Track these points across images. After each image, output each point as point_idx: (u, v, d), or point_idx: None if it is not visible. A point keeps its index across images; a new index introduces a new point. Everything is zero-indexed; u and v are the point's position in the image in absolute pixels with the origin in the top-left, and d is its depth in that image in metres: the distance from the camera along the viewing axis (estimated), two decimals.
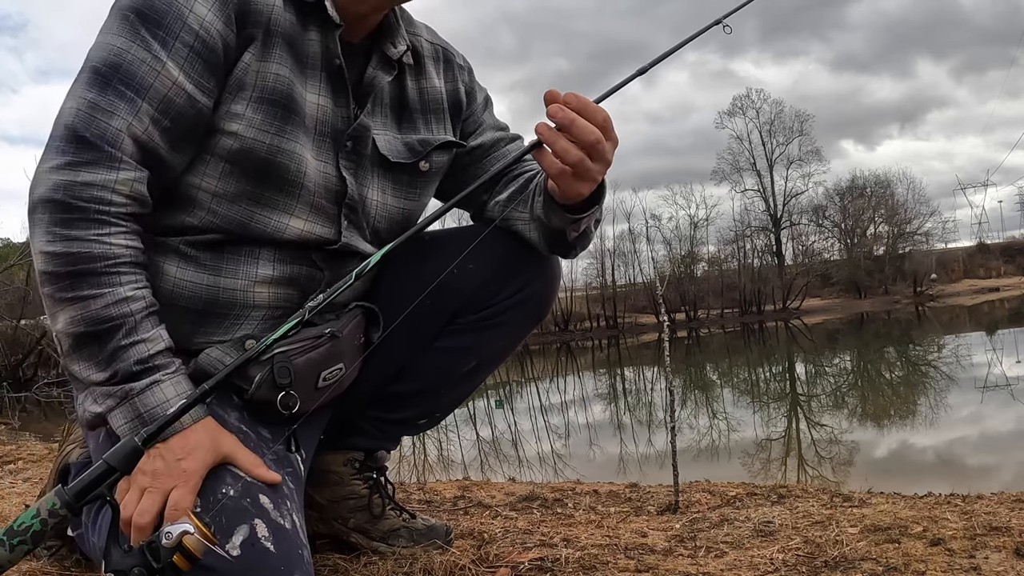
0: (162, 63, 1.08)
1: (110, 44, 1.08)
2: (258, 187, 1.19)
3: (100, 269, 1.05)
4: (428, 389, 1.52)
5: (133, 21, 1.08)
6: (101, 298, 1.04)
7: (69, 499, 0.86)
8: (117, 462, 0.90)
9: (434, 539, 1.52)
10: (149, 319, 1.08)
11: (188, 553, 0.86)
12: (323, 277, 1.27)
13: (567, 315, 31.98)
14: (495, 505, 2.03)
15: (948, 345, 15.02)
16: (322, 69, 1.23)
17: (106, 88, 1.07)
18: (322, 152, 1.25)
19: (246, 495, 1.06)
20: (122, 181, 1.07)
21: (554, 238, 1.36)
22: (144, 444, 0.93)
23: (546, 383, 15.18)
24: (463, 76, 1.47)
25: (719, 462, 5.60)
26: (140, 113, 1.08)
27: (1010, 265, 41.91)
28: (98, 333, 1.05)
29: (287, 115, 1.18)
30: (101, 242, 1.05)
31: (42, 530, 0.85)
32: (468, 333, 1.46)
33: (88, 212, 1.05)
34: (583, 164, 1.09)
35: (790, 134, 41.48)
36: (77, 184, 1.05)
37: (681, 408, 8.30)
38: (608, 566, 1.39)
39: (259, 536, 1.02)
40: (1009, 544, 1.39)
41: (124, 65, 1.08)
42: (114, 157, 1.06)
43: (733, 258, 38.54)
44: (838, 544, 1.44)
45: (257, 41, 1.15)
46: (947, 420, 6.85)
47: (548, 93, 1.07)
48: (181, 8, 1.09)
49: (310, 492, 1.51)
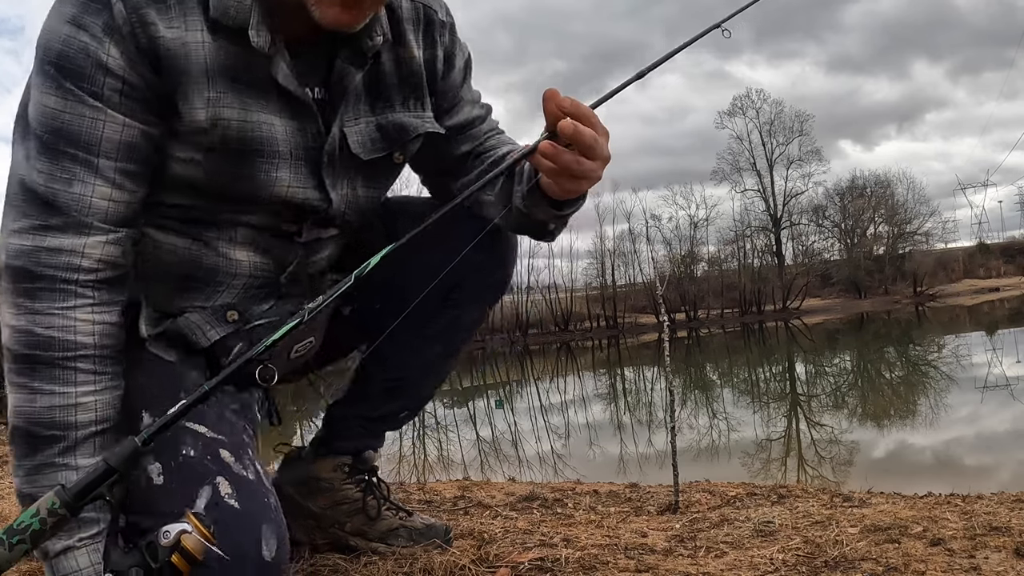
0: (102, 111, 1.02)
1: (43, 105, 1.02)
2: (227, 199, 1.16)
3: (57, 360, 1.00)
4: (403, 379, 1.52)
5: (54, 76, 1.01)
6: (49, 396, 0.99)
7: (69, 499, 0.86)
8: (117, 463, 0.90)
9: (433, 538, 1.52)
10: (92, 440, 1.02)
11: (187, 553, 0.86)
12: (300, 250, 1.26)
13: (567, 315, 31.96)
14: (495, 505, 2.03)
15: (948, 345, 15.01)
16: (278, 93, 1.13)
17: (56, 155, 1.01)
18: (298, 175, 1.18)
19: (206, 453, 1.08)
20: (92, 245, 1.02)
21: (531, 227, 1.31)
22: (144, 444, 0.93)
23: (546, 383, 15.17)
24: (443, 38, 1.33)
25: (719, 462, 5.60)
26: (100, 171, 1.03)
27: (1010, 265, 41.86)
28: (33, 436, 0.99)
29: (246, 159, 1.12)
30: (66, 317, 1.00)
31: (41, 529, 0.85)
32: (436, 318, 1.45)
33: (54, 281, 1.01)
34: (582, 167, 1.08)
35: (790, 134, 41.46)
36: (43, 250, 1.00)
37: (681, 408, 8.30)
38: (608, 566, 1.39)
39: (223, 495, 1.03)
40: (1009, 544, 1.38)
41: (65, 127, 1.01)
42: (82, 223, 1.02)
43: (733, 258, 38.54)
44: (838, 544, 1.44)
45: (188, 89, 1.06)
46: (947, 420, 6.84)
47: (547, 92, 1.06)
48: (98, 55, 1.01)
49: (304, 503, 1.52)
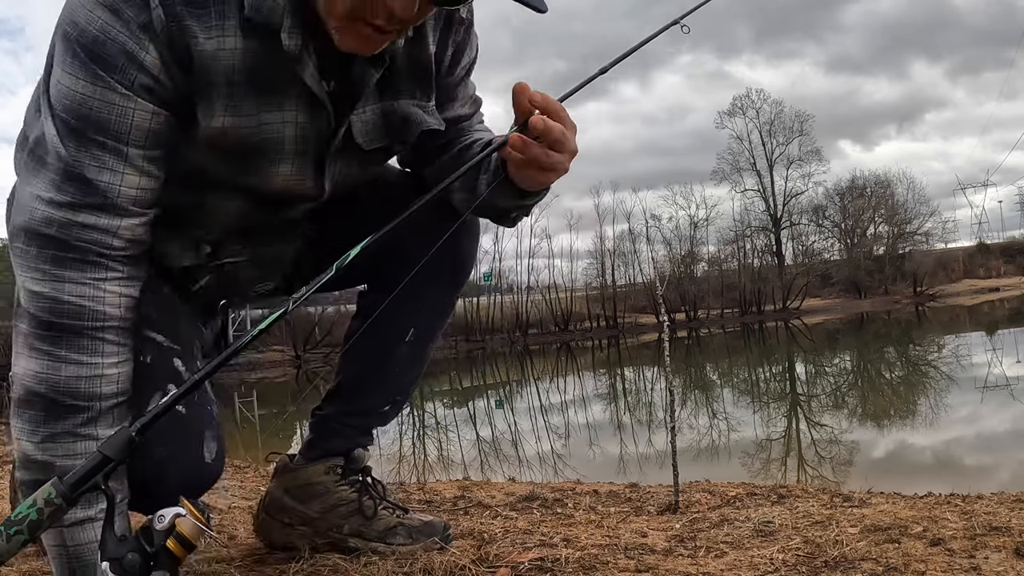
0: (132, 99, 1.02)
1: (70, 89, 1.00)
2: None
3: (86, 329, 1.00)
4: (379, 370, 1.53)
5: (85, 61, 0.99)
6: (76, 366, 1.00)
7: (65, 489, 0.87)
8: (113, 452, 0.90)
9: (432, 535, 1.52)
10: (112, 412, 1.04)
11: (183, 539, 0.87)
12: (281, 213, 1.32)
13: (567, 315, 31.94)
14: (495, 505, 2.03)
15: (948, 345, 15.00)
16: (297, 93, 1.14)
17: (86, 142, 1.01)
18: (300, 168, 1.21)
19: (161, 360, 1.15)
20: (125, 227, 1.04)
21: (494, 212, 1.33)
22: (137, 435, 0.93)
23: (546, 383, 15.16)
24: (458, 35, 1.32)
25: (719, 462, 5.59)
26: (130, 159, 1.03)
27: (1010, 265, 41.84)
28: (56, 403, 1.00)
29: (254, 159, 1.15)
30: (96, 288, 1.01)
31: (39, 520, 0.85)
32: (403, 303, 1.43)
33: (87, 253, 1.01)
34: (551, 159, 1.11)
35: (790, 134, 41.46)
36: (76, 224, 1.01)
37: (681, 408, 8.29)
38: (608, 566, 1.39)
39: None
40: (1009, 544, 1.38)
41: (94, 114, 1.01)
42: (116, 206, 1.03)
43: (733, 258, 38.53)
44: (838, 544, 1.44)
45: (211, 95, 1.08)
46: (947, 420, 6.84)
47: (517, 85, 1.10)
48: (135, 51, 1.00)
49: (300, 508, 1.52)
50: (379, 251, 1.04)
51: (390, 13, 1.02)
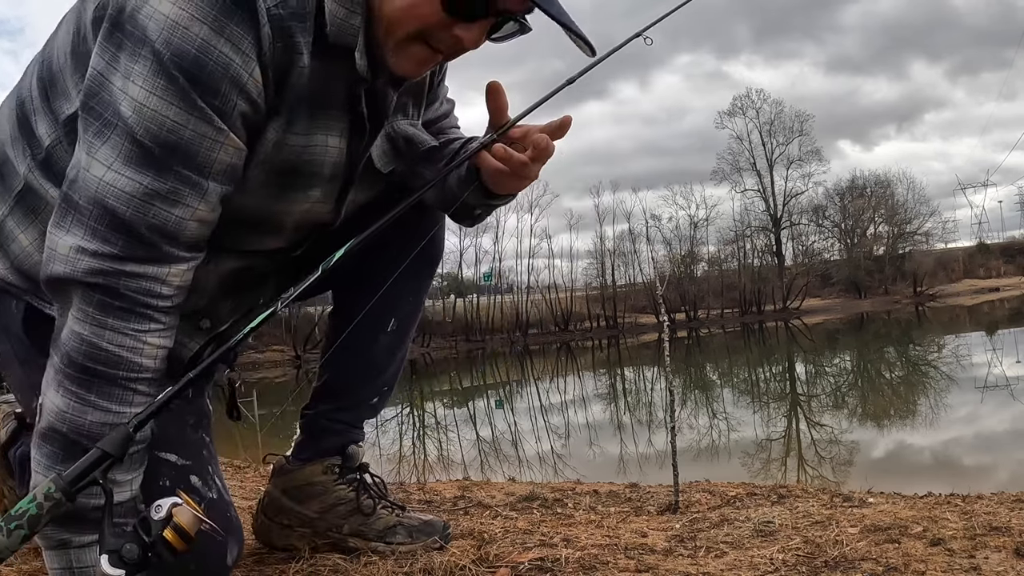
0: (225, 133, 0.98)
1: (159, 113, 0.93)
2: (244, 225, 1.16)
3: (120, 379, 0.97)
4: (366, 363, 1.53)
5: (183, 85, 0.93)
6: (104, 412, 0.97)
7: (65, 485, 0.87)
8: (111, 448, 0.90)
9: (432, 534, 1.52)
10: (134, 458, 1.02)
11: (180, 529, 0.87)
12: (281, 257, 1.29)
13: (567, 315, 31.98)
14: (495, 505, 2.03)
15: (948, 345, 15.01)
16: (345, 116, 1.13)
17: (165, 172, 0.95)
18: (328, 193, 1.20)
19: (178, 481, 1.14)
20: (174, 273, 0.99)
21: (460, 209, 1.36)
22: (135, 431, 0.93)
23: (546, 383, 15.17)
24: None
25: (719, 462, 5.60)
26: (208, 194, 0.99)
27: (1010, 265, 41.87)
28: (75, 445, 0.97)
29: (291, 180, 1.13)
30: (137, 339, 0.97)
31: (38, 514, 0.85)
32: (382, 295, 1.46)
33: (134, 304, 0.96)
34: (529, 170, 1.18)
35: (790, 134, 41.52)
36: (123, 273, 0.95)
37: (681, 408, 8.29)
38: (608, 566, 1.39)
39: None
40: (1009, 544, 1.38)
41: (183, 144, 0.95)
42: (170, 255, 0.98)
43: (733, 258, 38.60)
44: (838, 544, 1.44)
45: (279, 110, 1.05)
46: (947, 420, 6.84)
47: (492, 84, 1.16)
48: (240, 75, 0.96)
49: (299, 509, 1.52)
50: (355, 247, 1.06)
51: (457, 44, 1.05)
